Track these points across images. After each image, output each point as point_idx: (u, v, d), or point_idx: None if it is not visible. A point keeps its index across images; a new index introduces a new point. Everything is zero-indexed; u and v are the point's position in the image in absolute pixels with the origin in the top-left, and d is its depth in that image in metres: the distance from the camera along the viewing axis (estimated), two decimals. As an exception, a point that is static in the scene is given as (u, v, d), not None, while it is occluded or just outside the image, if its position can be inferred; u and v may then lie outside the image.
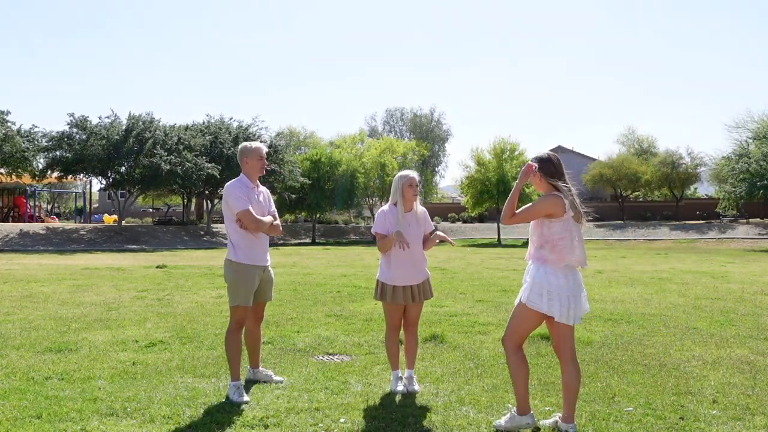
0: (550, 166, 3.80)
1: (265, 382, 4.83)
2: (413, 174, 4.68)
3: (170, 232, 33.15)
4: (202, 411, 4.14)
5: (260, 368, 4.96)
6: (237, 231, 4.62)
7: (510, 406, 4.13)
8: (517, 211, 3.81)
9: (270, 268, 4.86)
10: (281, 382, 4.83)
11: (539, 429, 3.83)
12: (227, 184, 4.72)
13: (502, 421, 3.83)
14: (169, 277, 13.32)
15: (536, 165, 3.79)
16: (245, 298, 4.63)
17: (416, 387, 4.65)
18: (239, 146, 4.85)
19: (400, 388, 4.63)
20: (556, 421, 3.82)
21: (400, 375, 4.71)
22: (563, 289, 3.67)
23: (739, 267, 16.46)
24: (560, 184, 3.77)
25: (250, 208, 4.58)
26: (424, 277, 4.77)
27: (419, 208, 4.74)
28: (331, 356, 5.78)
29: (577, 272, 3.81)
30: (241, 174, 4.76)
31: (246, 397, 4.37)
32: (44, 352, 5.87)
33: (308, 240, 37.36)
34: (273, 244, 6.08)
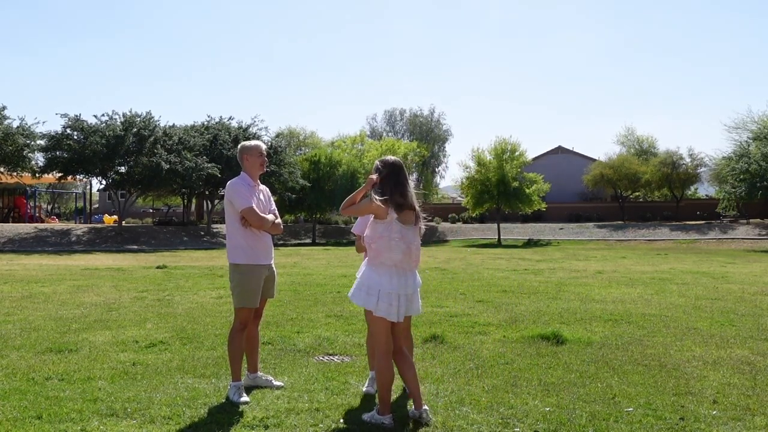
0: (384, 171, 4.07)
1: (265, 388, 4.68)
2: None
3: (170, 233, 33.14)
4: (202, 411, 4.14)
5: (259, 373, 4.83)
6: (240, 231, 4.56)
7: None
8: (354, 205, 4.12)
9: (273, 266, 4.82)
10: (282, 386, 4.70)
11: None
12: (229, 182, 4.66)
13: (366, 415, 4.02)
14: (170, 277, 13.32)
15: (376, 176, 4.05)
16: (252, 300, 4.59)
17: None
18: (239, 145, 4.83)
19: (401, 388, 4.62)
20: (413, 412, 3.96)
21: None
22: (384, 287, 3.93)
23: (739, 267, 16.46)
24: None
25: (254, 205, 4.55)
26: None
27: None
28: (331, 357, 5.78)
29: (408, 274, 4.04)
30: (242, 173, 4.73)
31: (246, 398, 4.35)
32: (44, 352, 5.87)
33: (308, 240, 37.36)
34: (273, 244, 6.17)
